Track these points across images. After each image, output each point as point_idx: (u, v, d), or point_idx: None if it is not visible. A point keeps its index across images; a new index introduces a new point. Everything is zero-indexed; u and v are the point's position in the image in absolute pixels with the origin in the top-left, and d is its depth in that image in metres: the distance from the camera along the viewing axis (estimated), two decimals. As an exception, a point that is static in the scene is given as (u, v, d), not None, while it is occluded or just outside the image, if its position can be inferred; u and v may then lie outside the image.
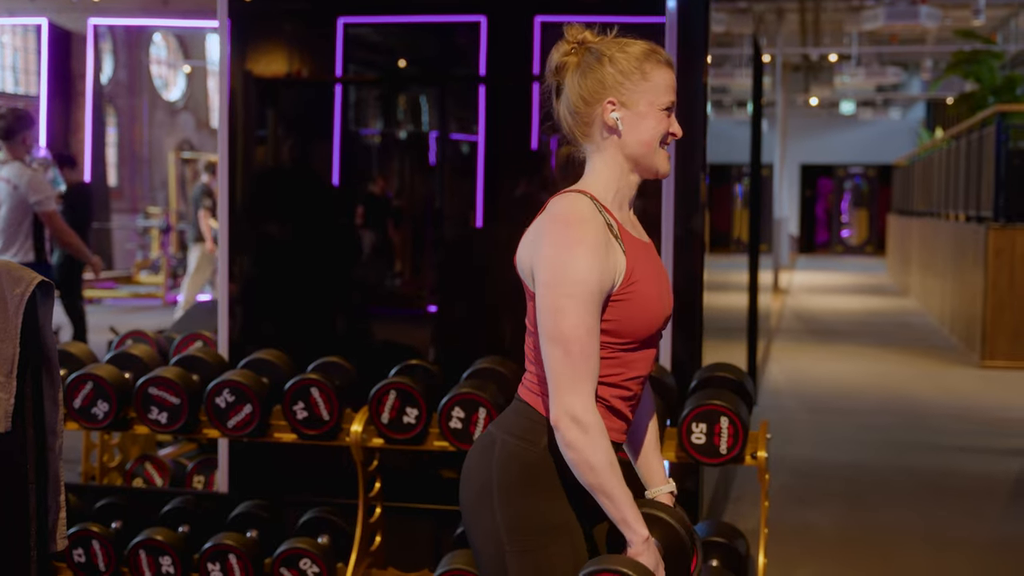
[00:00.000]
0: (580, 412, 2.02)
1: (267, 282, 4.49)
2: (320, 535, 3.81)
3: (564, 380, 2.04)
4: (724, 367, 3.70)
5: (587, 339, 2.03)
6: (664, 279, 2.22)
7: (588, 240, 2.05)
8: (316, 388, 3.65)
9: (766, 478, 3.52)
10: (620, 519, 2.05)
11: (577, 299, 2.03)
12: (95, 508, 3.96)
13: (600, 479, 2.02)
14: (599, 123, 2.17)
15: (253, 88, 4.43)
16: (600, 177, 2.18)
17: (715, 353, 5.37)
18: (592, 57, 2.16)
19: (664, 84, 2.16)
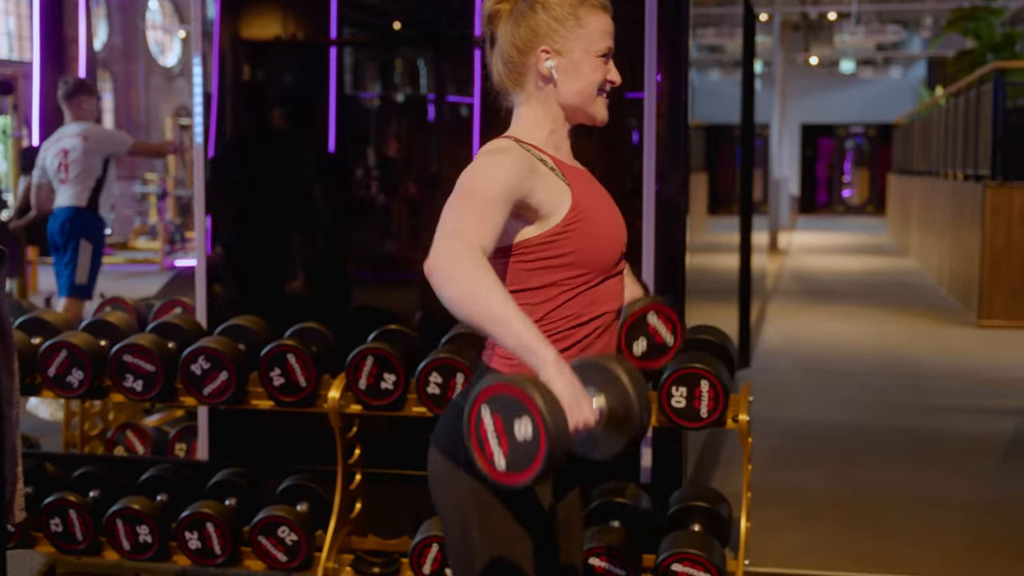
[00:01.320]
0: (461, 247, 1.83)
1: (252, 247, 4.44)
2: (299, 503, 3.77)
3: (450, 231, 1.87)
4: (706, 330, 3.64)
5: (485, 207, 1.90)
6: (612, 205, 2.18)
7: (505, 159, 1.99)
8: (292, 354, 3.60)
9: (749, 441, 3.47)
10: (520, 347, 1.77)
11: (479, 196, 1.92)
12: (73, 477, 3.92)
13: (488, 305, 1.78)
14: (533, 72, 2.11)
15: (244, 51, 4.38)
16: (528, 121, 2.13)
17: (706, 315, 5.32)
18: (525, 5, 2.10)
19: (599, 30, 2.10)
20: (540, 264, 2.04)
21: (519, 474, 1.72)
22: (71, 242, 6.12)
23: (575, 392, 1.75)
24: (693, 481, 4.18)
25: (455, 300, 1.81)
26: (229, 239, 4.39)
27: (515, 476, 1.73)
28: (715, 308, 6.19)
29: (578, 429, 1.74)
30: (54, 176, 6.22)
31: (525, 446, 1.70)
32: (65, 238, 6.15)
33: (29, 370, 3.69)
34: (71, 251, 6.12)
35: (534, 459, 1.70)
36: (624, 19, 4.00)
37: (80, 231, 6.10)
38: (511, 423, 1.71)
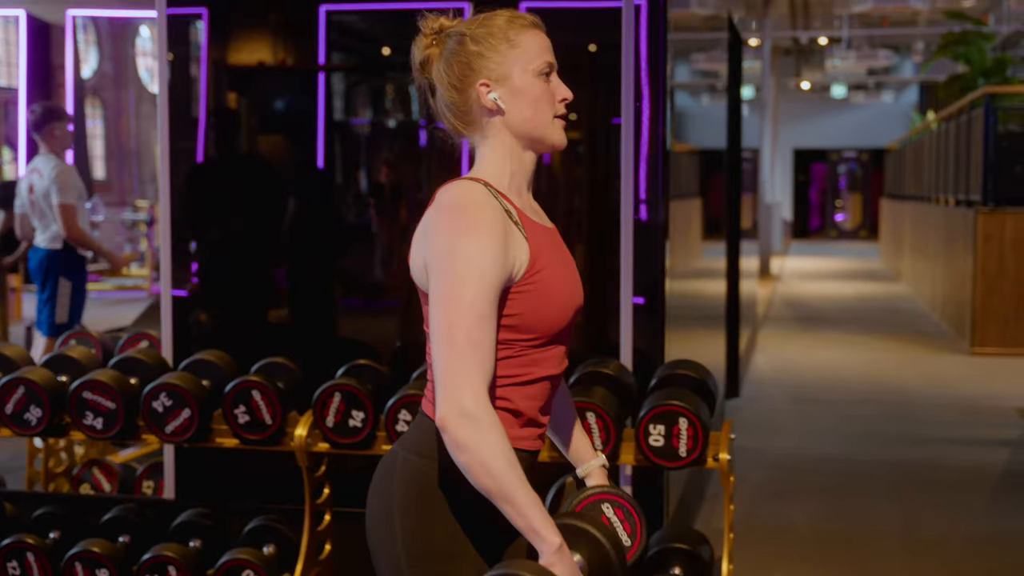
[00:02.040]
0: (470, 405, 1.78)
1: (235, 275, 4.33)
2: (266, 544, 3.64)
3: (451, 374, 1.80)
4: (685, 364, 3.52)
5: (477, 327, 1.81)
6: (571, 267, 2.04)
7: (483, 226, 1.86)
8: (257, 391, 3.48)
9: (731, 480, 3.35)
10: (527, 527, 1.79)
11: (470, 288, 1.82)
12: (33, 517, 3.78)
13: (499, 482, 1.77)
14: (478, 108, 1.98)
15: (231, 77, 4.30)
16: (491, 163, 1.99)
17: (692, 343, 5.22)
18: (453, 42, 1.98)
19: (535, 46, 1.98)
20: None
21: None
22: (49, 280, 6.00)
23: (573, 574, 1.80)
24: (675, 520, 4.06)
25: (466, 468, 1.79)
26: (212, 267, 4.29)
27: None
28: (703, 336, 6.07)
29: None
30: (28, 211, 6.10)
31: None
32: (43, 277, 6.03)
33: (-14, 407, 3.56)
34: (50, 289, 6.00)
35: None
36: (604, 45, 3.92)
37: (58, 270, 5.98)
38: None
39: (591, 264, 3.99)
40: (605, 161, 3.95)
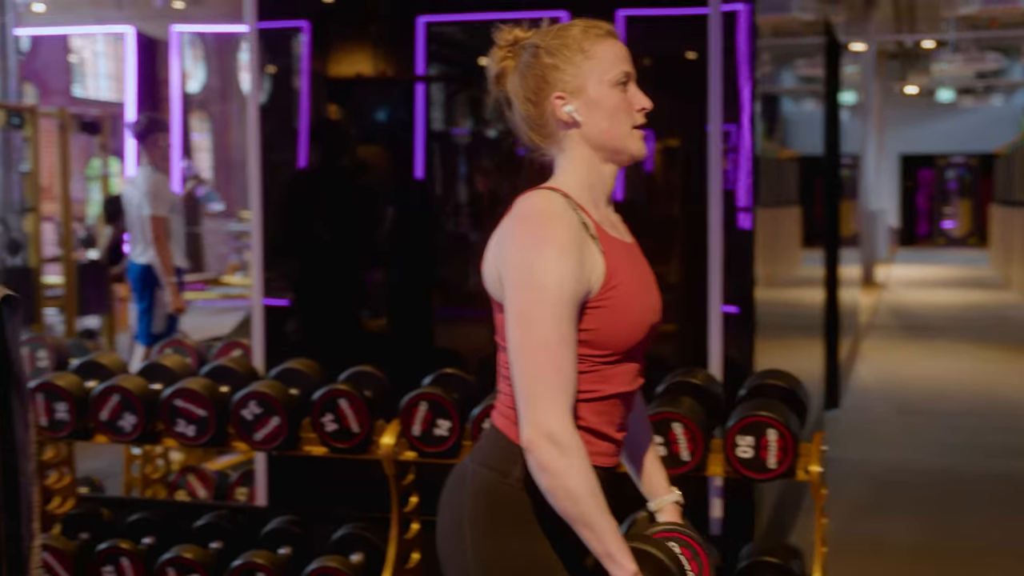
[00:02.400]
0: (556, 430, 1.78)
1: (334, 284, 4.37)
2: (354, 552, 3.65)
3: (536, 396, 1.80)
4: (775, 374, 3.45)
5: (560, 349, 1.80)
6: (650, 283, 2.00)
7: (560, 238, 1.83)
8: (345, 399, 3.50)
9: (822, 493, 3.27)
10: (603, 553, 1.81)
11: (548, 304, 1.80)
12: (128, 523, 3.85)
13: (580, 508, 1.79)
14: (554, 121, 1.95)
15: (332, 88, 4.35)
16: (569, 175, 1.96)
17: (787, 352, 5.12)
18: (527, 54, 1.95)
19: (610, 56, 1.94)
20: None
21: None
22: (146, 292, 6.12)
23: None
24: (767, 533, 3.98)
25: (549, 492, 1.81)
26: (310, 276, 4.33)
27: None
28: (799, 345, 5.96)
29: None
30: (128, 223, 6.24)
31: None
32: (140, 289, 6.16)
33: (83, 414, 3.63)
34: (147, 300, 6.12)
35: None
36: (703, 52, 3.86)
37: (154, 282, 6.10)
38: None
39: (689, 272, 3.92)
40: (703, 168, 3.90)
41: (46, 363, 4.06)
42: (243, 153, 21.49)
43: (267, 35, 4.38)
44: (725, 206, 3.68)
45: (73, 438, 3.67)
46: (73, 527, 3.83)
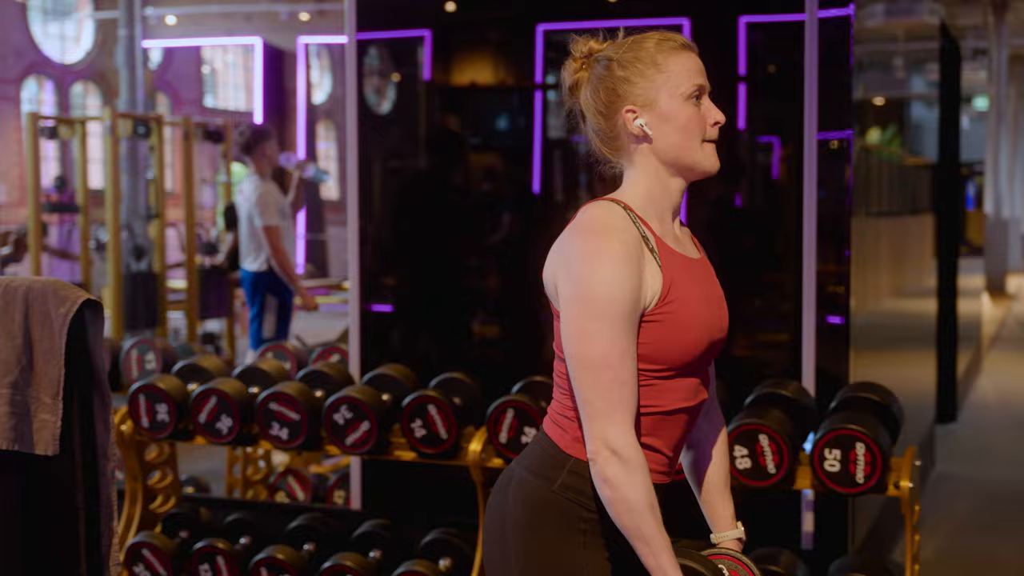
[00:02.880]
0: (620, 444, 1.80)
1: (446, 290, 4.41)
2: (442, 558, 3.68)
3: (599, 409, 1.81)
4: (867, 387, 3.38)
5: (621, 363, 1.80)
6: (713, 299, 1.96)
7: (617, 251, 1.82)
8: (433, 405, 3.53)
9: (915, 509, 3.19)
10: (655, 567, 1.81)
11: (606, 319, 1.80)
12: (225, 523, 3.94)
13: (637, 521, 1.80)
14: (625, 135, 1.93)
15: (452, 96, 4.40)
16: (635, 187, 1.94)
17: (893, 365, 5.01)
18: (601, 67, 1.93)
19: (684, 70, 1.91)
20: None
21: None
22: (257, 298, 6.25)
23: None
24: (864, 548, 3.89)
25: (610, 504, 1.83)
26: (420, 282, 4.38)
27: None
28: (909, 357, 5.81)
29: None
30: None
31: None
32: (251, 295, 6.28)
33: (182, 416, 3.73)
34: (258, 306, 6.25)
35: None
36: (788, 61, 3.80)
37: (265, 288, 6.22)
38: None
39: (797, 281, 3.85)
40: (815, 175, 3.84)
41: (153, 365, 4.19)
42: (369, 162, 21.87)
43: (390, 44, 4.47)
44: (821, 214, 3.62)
45: (173, 439, 3.77)
46: (173, 526, 3.93)
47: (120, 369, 4.22)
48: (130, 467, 3.90)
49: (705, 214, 3.95)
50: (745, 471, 3.17)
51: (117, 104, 10.41)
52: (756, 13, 3.89)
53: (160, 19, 14.61)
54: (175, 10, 14.75)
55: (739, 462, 3.16)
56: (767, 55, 3.80)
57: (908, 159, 6.78)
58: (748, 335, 4.00)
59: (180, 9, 14.77)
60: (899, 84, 7.19)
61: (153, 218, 9.07)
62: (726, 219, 4.04)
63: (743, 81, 3.92)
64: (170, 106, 18.11)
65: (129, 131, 8.18)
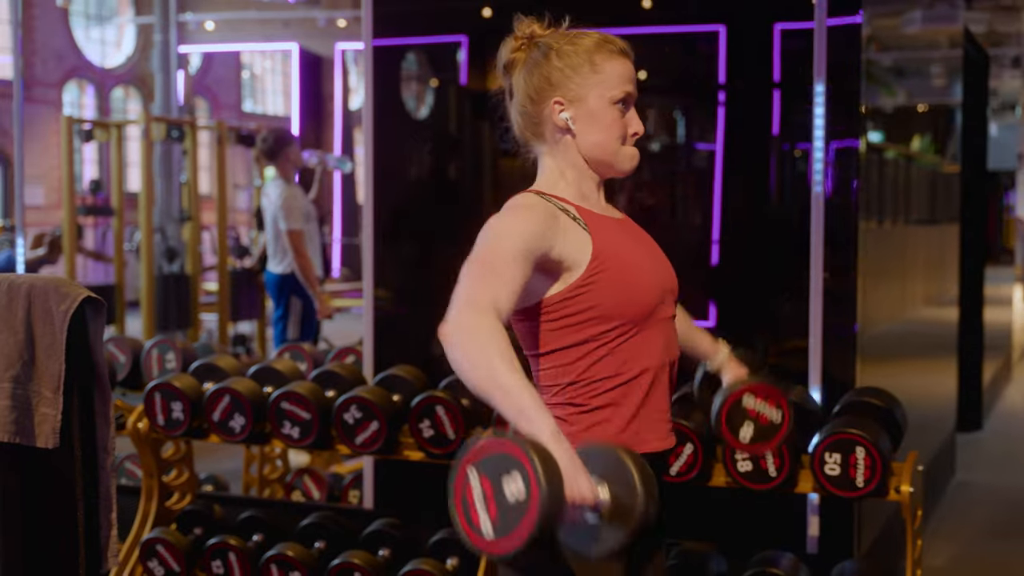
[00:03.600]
0: (464, 311, 1.78)
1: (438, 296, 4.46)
2: (449, 557, 3.72)
3: (464, 283, 1.83)
4: (871, 392, 3.39)
5: (500, 260, 1.83)
6: (652, 251, 2.04)
7: (522, 211, 1.91)
8: (441, 406, 3.57)
9: (918, 514, 3.21)
10: (519, 414, 1.69)
11: (501, 241, 1.86)
12: (238, 520, 4.00)
13: (490, 372, 1.70)
14: (549, 123, 2.00)
15: (482, 102, 4.46)
16: (553, 176, 2.02)
17: (909, 372, 5.00)
18: (539, 52, 2.00)
19: (617, 75, 1.98)
20: (567, 322, 1.94)
21: (507, 539, 1.61)
22: (283, 299, 6.31)
23: (573, 465, 1.67)
24: (867, 554, 3.90)
25: (461, 368, 1.75)
26: (446, 287, 4.42)
27: (503, 543, 1.61)
28: (927, 366, 5.80)
29: (574, 502, 1.63)
30: None
31: (516, 507, 1.59)
32: (277, 297, 6.35)
33: (197, 414, 3.80)
34: (283, 308, 6.32)
35: (523, 519, 1.58)
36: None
37: (291, 290, 6.28)
38: (500, 482, 1.60)
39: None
40: (838, 181, 3.86)
41: (174, 365, 4.26)
42: (404, 166, 21.99)
43: (429, 49, 4.53)
44: (825, 223, 3.63)
45: (187, 437, 3.84)
46: (188, 522, 4.00)
47: (141, 368, 4.29)
48: (146, 464, 3.97)
49: (736, 219, 3.99)
50: (747, 474, 3.19)
51: (152, 108, 10.56)
52: (791, 20, 3.91)
53: (199, 25, 14.79)
54: (214, 16, 14.92)
55: (741, 464, 3.18)
56: (802, 62, 3.81)
57: (946, 167, 6.77)
58: (775, 342, 4.02)
59: (218, 15, 14.93)
60: (939, 91, 7.17)
61: (186, 221, 9.20)
62: (756, 224, 4.05)
63: (777, 88, 3.94)
64: (209, 110, 18.32)
65: (163, 135, 8.29)
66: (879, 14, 5.06)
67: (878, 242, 4.71)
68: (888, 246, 5.01)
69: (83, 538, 2.31)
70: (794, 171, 3.98)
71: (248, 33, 16.17)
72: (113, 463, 2.36)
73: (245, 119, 18.88)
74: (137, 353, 4.31)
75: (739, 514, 3.82)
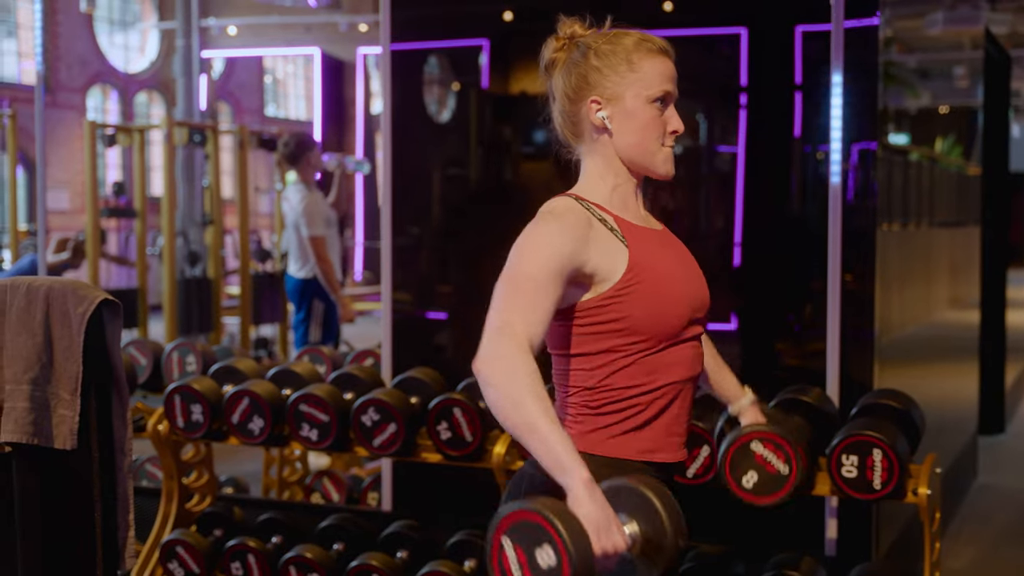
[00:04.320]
0: (508, 340, 1.78)
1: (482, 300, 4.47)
2: (467, 559, 3.73)
3: (501, 309, 1.83)
4: (888, 394, 3.38)
5: (531, 286, 1.84)
6: (688, 266, 2.03)
7: (556, 221, 1.91)
8: (459, 408, 3.58)
9: (936, 516, 3.19)
10: (553, 462, 1.73)
11: (533, 260, 1.86)
12: (258, 522, 4.02)
13: (525, 414, 1.74)
14: (587, 123, 2.00)
15: (504, 105, 4.48)
16: (591, 178, 2.02)
17: (930, 375, 4.99)
18: (578, 52, 2.01)
19: (655, 74, 1.97)
20: (594, 329, 1.94)
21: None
22: (304, 302, 6.34)
23: (604, 515, 1.70)
24: (885, 556, 3.88)
25: (494, 404, 1.78)
26: (468, 289, 4.43)
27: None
28: (949, 368, 5.78)
29: (606, 554, 1.68)
30: None
31: (549, 572, 1.65)
32: (298, 301, 6.37)
33: (216, 417, 3.82)
34: (304, 311, 6.34)
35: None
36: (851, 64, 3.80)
37: (312, 294, 6.31)
38: (533, 552, 1.67)
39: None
40: (860, 183, 3.85)
41: (194, 367, 4.29)
42: (425, 170, 22.02)
43: (451, 53, 4.55)
44: (846, 223, 3.63)
45: (207, 439, 3.86)
46: (207, 524, 4.02)
47: (162, 371, 4.32)
48: (166, 466, 4.00)
49: (758, 222, 3.99)
50: (763, 476, 3.18)
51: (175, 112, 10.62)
52: (812, 22, 3.91)
53: (222, 30, 14.85)
54: (236, 21, 14.98)
55: (757, 467, 3.17)
56: (823, 63, 3.81)
57: (971, 169, 6.74)
58: (797, 344, 4.01)
59: (241, 20, 14.99)
60: (963, 93, 7.14)
61: (208, 224, 9.24)
62: (778, 226, 4.05)
63: (799, 90, 3.94)
64: (232, 115, 18.39)
65: (185, 139, 8.34)
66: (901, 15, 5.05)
67: (902, 245, 4.70)
68: (912, 248, 4.99)
69: (101, 539, 2.33)
70: (816, 173, 3.98)
71: (270, 38, 16.21)
72: (131, 464, 2.38)
73: (268, 123, 18.95)
74: (158, 356, 4.34)
75: (756, 516, 3.80)
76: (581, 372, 1.96)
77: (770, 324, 4.05)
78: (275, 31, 15.81)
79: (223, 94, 18.13)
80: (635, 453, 1.96)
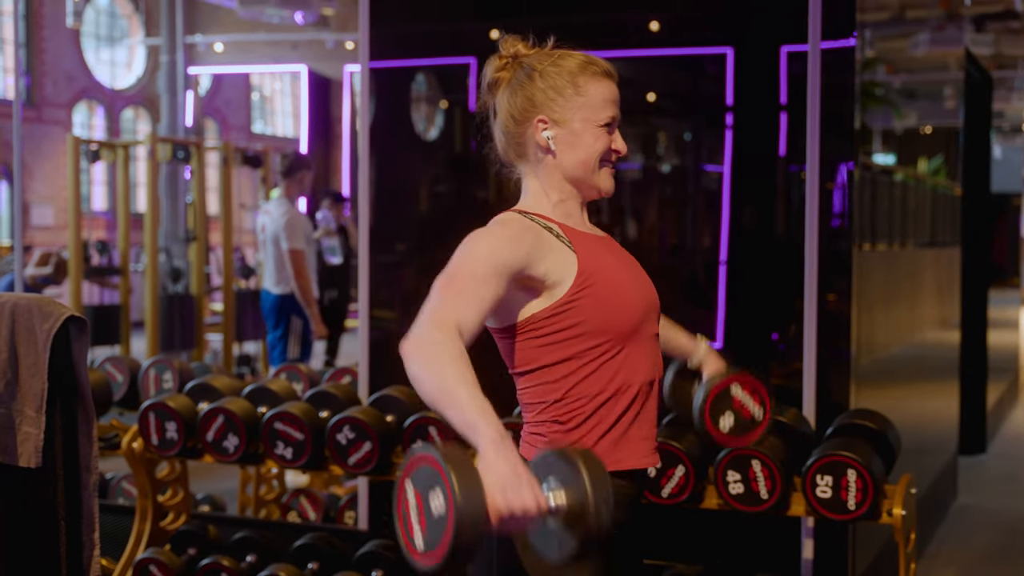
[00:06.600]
0: (427, 328, 1.77)
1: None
2: (442, 578, 3.71)
3: (433, 298, 1.82)
4: (863, 414, 3.37)
5: (469, 281, 1.84)
6: (634, 269, 2.05)
7: (499, 229, 1.92)
8: (434, 427, 3.57)
9: (912, 537, 3.18)
10: (464, 424, 1.69)
11: (474, 258, 1.87)
12: (232, 540, 3.99)
13: (439, 381, 1.71)
14: (532, 143, 2.01)
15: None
16: (537, 196, 2.04)
17: (908, 396, 4.98)
18: (523, 73, 2.00)
19: (601, 98, 1.98)
20: (552, 339, 1.94)
21: (433, 552, 1.60)
22: (282, 320, 6.32)
23: (514, 474, 1.63)
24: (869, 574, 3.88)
25: (416, 382, 1.75)
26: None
27: (430, 556, 1.61)
28: (929, 389, 5.78)
29: (513, 513, 1.61)
30: (260, 249, 6.46)
31: (439, 521, 1.58)
32: (275, 318, 6.35)
33: (191, 434, 3.80)
34: (282, 328, 6.32)
35: (444, 534, 1.57)
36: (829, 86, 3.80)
37: (289, 310, 6.29)
38: (428, 496, 1.60)
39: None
40: (840, 203, 3.86)
41: (171, 385, 4.26)
42: (408, 185, 22.03)
43: (440, 71, 4.55)
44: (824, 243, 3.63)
45: (182, 456, 3.83)
46: (182, 543, 3.99)
47: (138, 388, 4.29)
48: (140, 484, 3.97)
49: (743, 240, 3.99)
50: (738, 496, 3.17)
51: (159, 128, 10.60)
52: (798, 43, 3.91)
53: (208, 46, 14.85)
54: (223, 37, 14.98)
55: (732, 487, 3.16)
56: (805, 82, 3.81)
57: (956, 189, 6.76)
58: (780, 363, 4.01)
59: (228, 36, 14.99)
60: (949, 114, 7.17)
61: (192, 241, 9.21)
62: (763, 245, 4.05)
63: (784, 110, 3.95)
64: (219, 131, 18.37)
65: (169, 155, 8.33)
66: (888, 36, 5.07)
67: (885, 265, 4.70)
68: (896, 269, 5.00)
69: (65, 557, 2.31)
70: (800, 192, 3.98)
71: (257, 55, 16.22)
72: (96, 482, 2.36)
73: (254, 140, 18.93)
74: (135, 373, 4.31)
75: (732, 537, 3.80)
76: (546, 386, 1.96)
77: (755, 343, 4.04)
78: (262, 48, 15.81)
79: (210, 110, 18.11)
80: (613, 463, 1.94)
